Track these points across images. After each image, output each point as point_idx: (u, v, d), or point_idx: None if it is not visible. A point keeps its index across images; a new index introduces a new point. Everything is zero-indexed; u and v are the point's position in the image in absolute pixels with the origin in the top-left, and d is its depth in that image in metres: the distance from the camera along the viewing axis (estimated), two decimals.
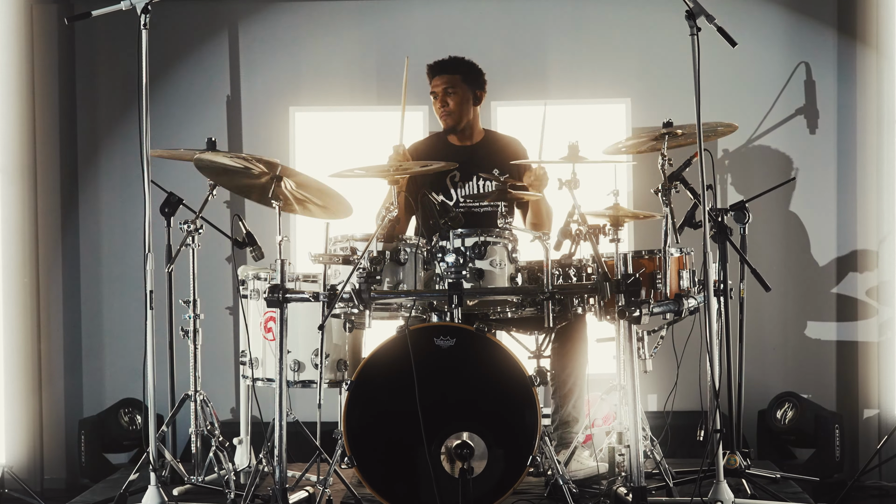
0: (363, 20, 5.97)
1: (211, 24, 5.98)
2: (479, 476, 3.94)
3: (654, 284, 4.24)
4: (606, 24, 5.92)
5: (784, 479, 4.62)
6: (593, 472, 4.42)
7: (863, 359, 5.73)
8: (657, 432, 4.58)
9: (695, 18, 3.91)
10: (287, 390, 4.06)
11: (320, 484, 4.11)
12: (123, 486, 4.33)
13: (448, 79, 4.90)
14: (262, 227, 4.64)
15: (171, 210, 4.60)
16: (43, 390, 5.71)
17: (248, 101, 5.94)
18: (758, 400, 5.68)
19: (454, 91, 4.89)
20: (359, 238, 4.15)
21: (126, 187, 5.83)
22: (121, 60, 5.84)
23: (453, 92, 4.89)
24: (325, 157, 5.62)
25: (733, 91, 5.80)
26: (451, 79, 4.90)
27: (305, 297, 4.03)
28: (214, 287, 5.62)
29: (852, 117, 5.77)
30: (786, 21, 5.87)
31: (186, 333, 4.58)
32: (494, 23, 5.94)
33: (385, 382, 4.01)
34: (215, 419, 4.56)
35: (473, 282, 4.05)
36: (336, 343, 4.38)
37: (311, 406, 4.21)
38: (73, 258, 5.92)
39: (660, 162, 4.43)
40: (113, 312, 5.91)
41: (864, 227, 5.76)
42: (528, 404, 3.98)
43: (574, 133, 4.29)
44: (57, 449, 5.77)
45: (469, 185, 4.92)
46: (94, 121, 5.97)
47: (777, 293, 5.02)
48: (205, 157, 4.17)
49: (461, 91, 4.90)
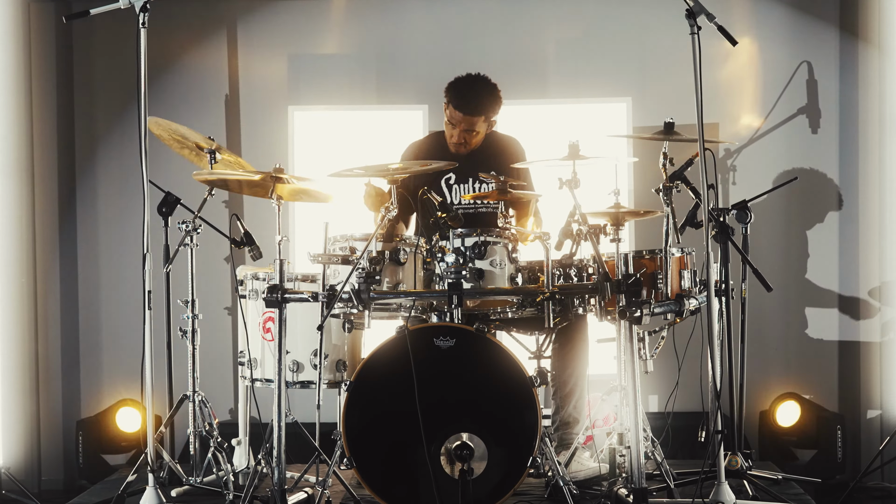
0: (362, 18, 5.96)
1: (209, 23, 5.97)
2: (479, 477, 3.93)
3: (655, 284, 4.24)
4: (607, 22, 5.92)
5: (786, 480, 4.63)
6: (594, 474, 4.41)
7: (865, 359, 5.73)
8: (658, 433, 4.59)
9: (695, 17, 3.91)
10: (286, 391, 4.05)
11: (319, 485, 4.10)
12: (121, 487, 4.35)
13: (471, 121, 4.77)
14: (261, 227, 4.64)
15: (169, 210, 4.62)
16: (40, 391, 5.71)
17: (246, 99, 5.93)
18: (759, 400, 5.70)
19: (475, 132, 4.82)
20: (358, 238, 4.14)
21: (124, 187, 5.82)
22: (119, 59, 5.82)
23: (475, 133, 4.82)
24: (325, 157, 5.63)
25: (734, 90, 5.80)
26: (473, 121, 4.78)
27: (304, 298, 4.03)
28: (213, 287, 5.63)
29: (854, 116, 5.77)
30: (787, 20, 5.86)
31: (185, 334, 4.57)
32: (494, 21, 5.93)
33: (384, 383, 4.00)
34: (213, 420, 4.56)
35: (473, 282, 4.04)
36: (335, 343, 4.37)
37: (310, 407, 4.21)
38: (70, 258, 5.91)
39: (661, 161, 4.43)
40: (111, 312, 5.90)
41: (866, 226, 5.76)
42: (528, 405, 3.96)
43: (574, 132, 4.28)
44: (54, 450, 5.76)
45: (465, 187, 4.91)
46: (92, 120, 5.95)
47: (778, 293, 5.01)
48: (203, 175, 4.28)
49: (482, 130, 4.84)
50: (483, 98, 4.78)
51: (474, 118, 4.76)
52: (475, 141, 4.84)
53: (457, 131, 4.80)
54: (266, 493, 4.10)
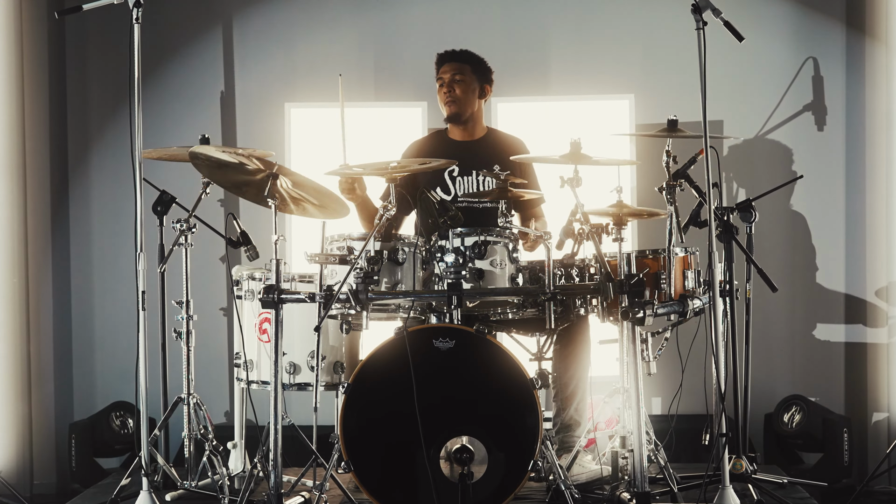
0: (360, 14, 5.95)
1: (204, 19, 5.96)
2: (480, 481, 3.92)
3: (659, 285, 4.22)
4: (609, 17, 5.91)
5: (791, 484, 4.61)
6: (596, 477, 4.39)
7: (872, 361, 5.72)
8: (661, 436, 4.56)
9: (701, 12, 3.91)
10: (282, 393, 4.04)
11: (316, 489, 4.09)
12: (115, 491, 4.36)
13: (457, 66, 4.92)
14: (257, 226, 4.60)
15: (164, 208, 4.61)
16: (32, 393, 5.67)
17: (242, 96, 5.93)
18: (764, 403, 5.67)
19: (462, 79, 4.91)
20: (356, 237, 4.14)
21: (117, 185, 5.79)
22: (112, 56, 5.81)
23: (461, 80, 4.91)
24: (322, 154, 5.58)
25: (739, 87, 5.80)
26: (460, 67, 4.92)
27: (301, 298, 4.01)
28: (208, 287, 5.62)
29: (861, 114, 5.77)
30: (793, 15, 5.86)
31: (179, 335, 4.56)
32: (495, 17, 5.93)
33: (383, 385, 4.00)
34: (209, 423, 4.56)
35: (473, 282, 4.04)
36: (332, 345, 4.36)
37: (307, 409, 4.20)
38: (63, 258, 5.89)
39: (664, 159, 4.42)
40: (104, 313, 5.89)
41: (873, 225, 5.75)
42: (529, 407, 3.96)
43: (576, 129, 4.28)
44: (47, 453, 5.73)
45: (468, 180, 4.90)
46: (85, 118, 5.94)
47: (784, 294, 5.05)
48: (200, 151, 4.12)
49: (469, 80, 4.92)
50: (468, 52, 4.96)
51: (461, 64, 4.91)
52: (467, 96, 4.89)
53: (445, 85, 4.90)
54: (262, 498, 4.11)
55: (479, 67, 4.96)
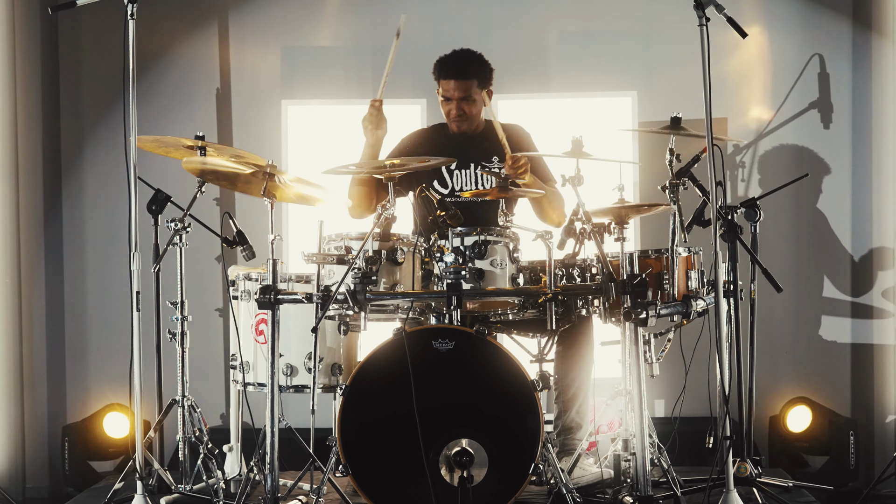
0: (358, 9, 5.94)
1: (200, 14, 5.94)
2: (480, 484, 3.91)
3: (662, 285, 4.21)
4: (612, 13, 5.90)
5: (796, 487, 4.61)
6: (598, 481, 4.37)
7: (879, 362, 5.70)
8: (664, 439, 4.56)
9: (703, 8, 3.90)
10: (279, 395, 4.04)
11: (314, 493, 4.08)
12: (108, 494, 4.34)
13: (464, 86, 4.74)
14: (254, 226, 4.60)
15: (159, 208, 4.60)
16: (25, 395, 5.66)
17: (238, 94, 5.90)
18: (769, 405, 5.69)
19: (472, 99, 4.77)
20: (354, 237, 4.16)
21: (111, 184, 5.77)
22: (106, 52, 5.77)
23: (471, 100, 4.77)
24: (319, 152, 5.63)
25: (744, 84, 5.79)
26: (467, 85, 4.74)
27: (298, 299, 4.01)
28: (203, 288, 5.58)
29: (868, 111, 5.75)
30: (798, 11, 5.85)
31: (174, 336, 4.54)
32: (495, 12, 5.92)
33: (381, 387, 3.99)
34: (204, 425, 4.54)
35: (473, 282, 4.03)
36: (330, 346, 4.35)
37: (304, 412, 4.19)
38: (56, 258, 5.88)
39: (667, 157, 4.41)
40: (98, 314, 5.87)
41: (879, 225, 5.74)
42: (530, 410, 3.95)
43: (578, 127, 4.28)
44: (39, 456, 5.72)
45: (466, 174, 4.86)
46: (79, 115, 5.93)
47: (789, 294, 5.05)
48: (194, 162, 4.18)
49: (477, 96, 4.78)
50: (471, 61, 4.78)
51: (467, 82, 4.73)
52: (475, 111, 4.80)
53: (453, 104, 4.77)
54: (258, 502, 4.09)
55: (483, 76, 4.79)
